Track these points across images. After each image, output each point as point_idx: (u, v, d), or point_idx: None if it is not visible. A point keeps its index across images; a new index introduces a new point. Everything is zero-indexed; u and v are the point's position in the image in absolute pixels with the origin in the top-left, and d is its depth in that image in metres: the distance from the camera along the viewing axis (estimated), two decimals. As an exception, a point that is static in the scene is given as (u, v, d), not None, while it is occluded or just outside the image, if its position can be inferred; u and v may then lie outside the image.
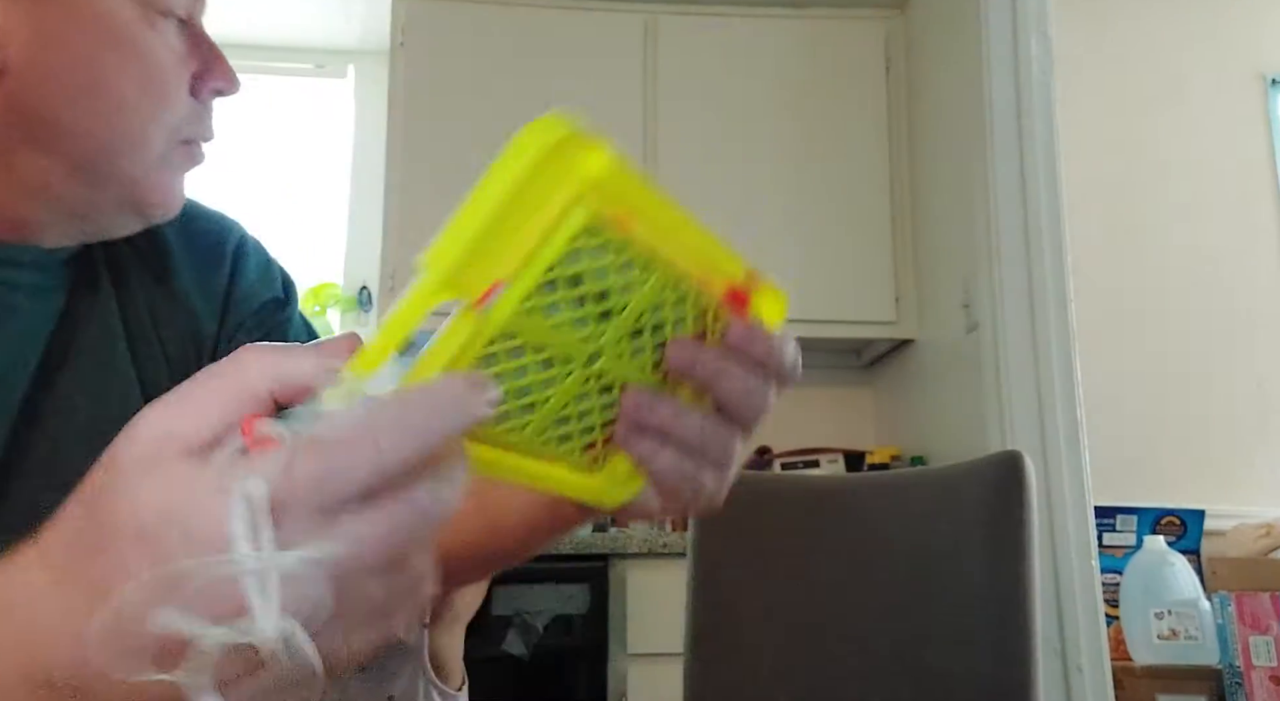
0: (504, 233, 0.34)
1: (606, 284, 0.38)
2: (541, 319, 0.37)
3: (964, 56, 2.27)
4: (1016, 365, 2.03)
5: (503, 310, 0.35)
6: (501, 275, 0.35)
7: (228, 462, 0.31)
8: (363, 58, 3.03)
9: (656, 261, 0.39)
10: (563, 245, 0.35)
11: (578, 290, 0.37)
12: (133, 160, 0.60)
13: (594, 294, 0.38)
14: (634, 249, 0.38)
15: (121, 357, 0.66)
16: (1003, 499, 1.08)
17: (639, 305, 0.39)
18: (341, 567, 0.31)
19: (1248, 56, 2.94)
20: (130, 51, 0.59)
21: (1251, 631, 1.90)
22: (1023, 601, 1.04)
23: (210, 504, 0.30)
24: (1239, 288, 2.81)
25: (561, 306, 0.37)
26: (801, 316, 2.59)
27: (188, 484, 0.31)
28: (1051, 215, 2.08)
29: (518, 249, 0.35)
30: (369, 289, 2.89)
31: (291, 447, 0.31)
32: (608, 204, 0.36)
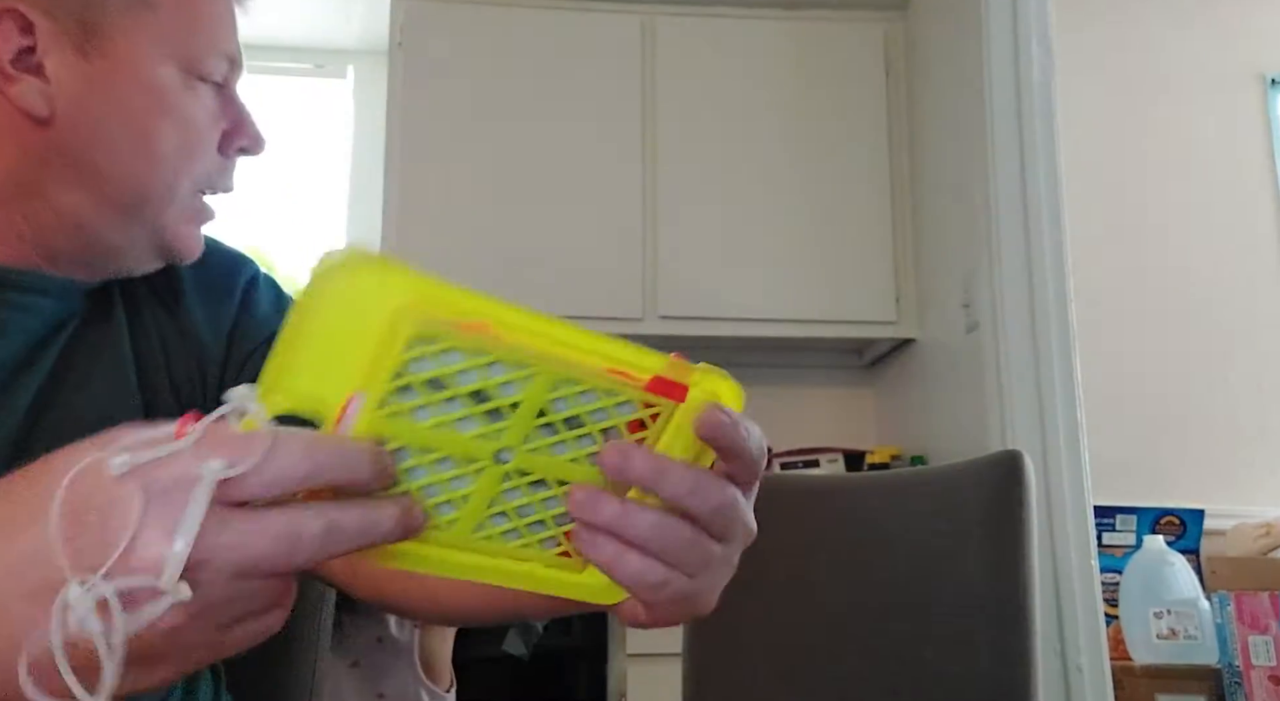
0: (336, 353, 0.38)
1: (478, 385, 0.39)
2: (411, 422, 0.39)
3: (964, 58, 2.27)
4: (1016, 365, 2.03)
5: (363, 418, 0.38)
6: (352, 389, 0.38)
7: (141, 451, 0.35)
8: (362, 58, 3.03)
9: (527, 359, 0.39)
10: (399, 352, 0.37)
11: (443, 393, 0.39)
12: (160, 207, 0.67)
13: (465, 395, 0.39)
14: (495, 350, 0.39)
15: (130, 385, 0.70)
16: (1003, 498, 1.08)
17: (532, 401, 0.40)
18: (216, 565, 0.35)
19: (1248, 56, 2.94)
20: (172, 114, 0.66)
21: (1251, 631, 1.90)
22: (1022, 601, 1.04)
23: (117, 490, 0.35)
24: (1239, 287, 2.81)
25: (432, 409, 0.39)
26: (802, 316, 2.59)
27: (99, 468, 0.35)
28: (1051, 215, 2.08)
29: (356, 365, 0.38)
30: (369, 289, 2.88)
31: (209, 440, 0.35)
32: (436, 310, 0.38)
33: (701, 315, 2.56)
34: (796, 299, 2.58)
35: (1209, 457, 2.70)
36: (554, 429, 0.41)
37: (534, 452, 0.42)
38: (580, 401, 0.41)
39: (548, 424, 0.41)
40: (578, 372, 0.41)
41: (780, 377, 2.88)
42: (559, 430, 0.42)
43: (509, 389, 0.40)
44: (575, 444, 0.42)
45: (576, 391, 0.41)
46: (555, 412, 0.41)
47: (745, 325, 2.57)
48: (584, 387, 0.41)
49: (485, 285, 1.67)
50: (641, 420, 0.43)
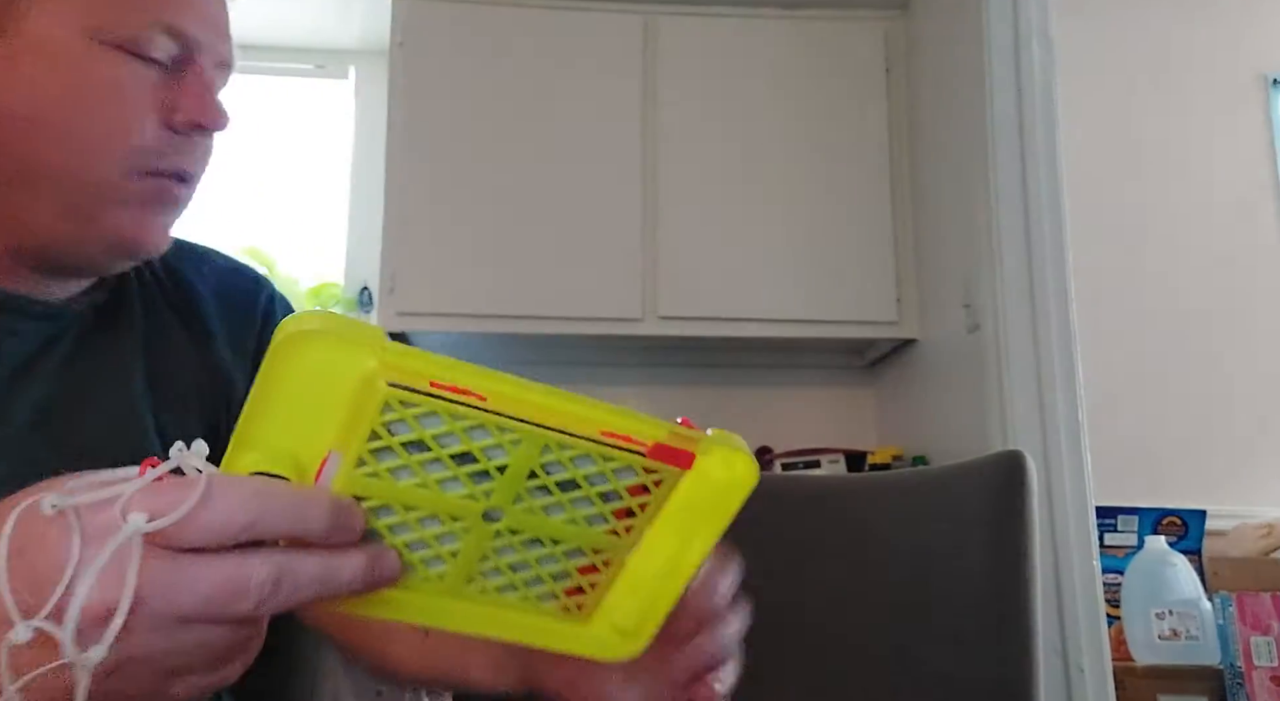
0: (308, 413, 0.38)
1: (461, 448, 0.39)
2: (392, 482, 0.39)
3: (965, 58, 2.27)
4: (1018, 365, 2.03)
5: (340, 476, 0.39)
6: (327, 447, 0.38)
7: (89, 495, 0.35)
8: (363, 58, 3.03)
9: (512, 424, 0.39)
10: (375, 414, 0.37)
11: (424, 455, 0.39)
12: (96, 194, 0.63)
13: (450, 457, 0.39)
14: (475, 415, 0.38)
15: (139, 406, 0.69)
16: (1004, 499, 1.08)
17: (521, 465, 0.40)
18: (152, 610, 0.34)
19: (1248, 56, 2.94)
20: (92, 92, 0.61)
21: (1253, 631, 1.90)
22: (1024, 601, 1.04)
23: (47, 531, 0.34)
24: (1239, 287, 2.81)
25: (413, 470, 0.39)
26: (802, 316, 2.59)
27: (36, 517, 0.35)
28: (1052, 215, 2.08)
29: (330, 425, 0.38)
30: (369, 289, 2.89)
31: (151, 487, 0.35)
32: (410, 375, 0.38)
33: (701, 315, 2.55)
34: (797, 299, 2.58)
35: (1210, 458, 2.69)
36: (547, 491, 0.41)
37: (527, 513, 0.41)
38: (576, 466, 0.41)
39: (541, 486, 0.41)
40: (568, 438, 0.40)
41: (781, 378, 2.88)
42: (553, 492, 0.41)
43: (496, 452, 0.40)
44: (572, 506, 0.42)
45: (570, 456, 0.40)
46: (548, 476, 0.41)
47: (745, 325, 2.57)
48: (577, 452, 0.40)
49: (486, 285, 1.68)
50: (644, 484, 0.42)
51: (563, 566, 0.44)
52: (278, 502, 0.36)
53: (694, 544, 0.45)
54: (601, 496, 0.42)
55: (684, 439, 0.42)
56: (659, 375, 2.88)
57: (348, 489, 0.39)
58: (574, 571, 0.44)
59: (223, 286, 0.77)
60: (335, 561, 0.38)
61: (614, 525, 0.43)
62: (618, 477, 0.42)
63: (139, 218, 0.65)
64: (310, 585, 0.37)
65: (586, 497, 0.42)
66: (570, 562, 0.44)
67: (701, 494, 0.43)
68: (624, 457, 0.41)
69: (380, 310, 2.51)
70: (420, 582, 0.42)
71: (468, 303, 2.51)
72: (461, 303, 2.51)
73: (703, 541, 0.45)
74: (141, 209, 0.65)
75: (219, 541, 0.35)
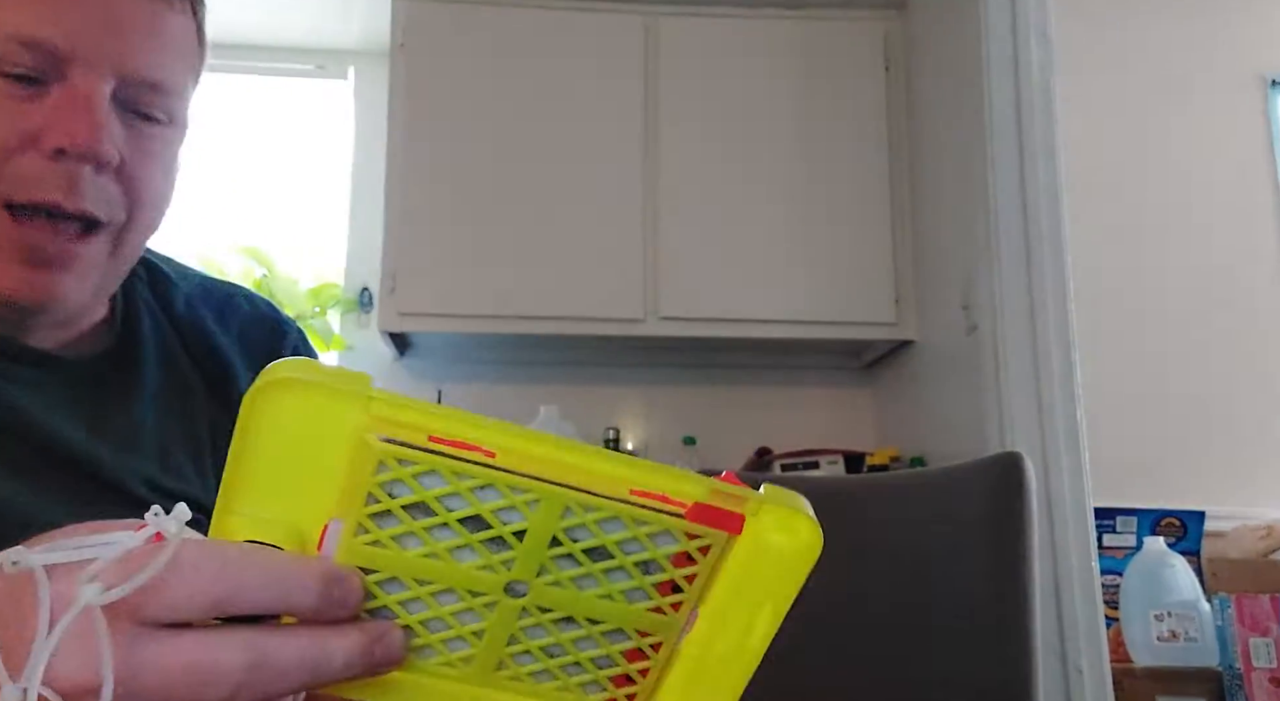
0: (300, 473, 0.34)
1: (469, 511, 0.34)
2: (398, 551, 0.35)
3: (964, 57, 2.27)
4: (1016, 366, 2.03)
5: (341, 547, 0.34)
6: (327, 515, 0.34)
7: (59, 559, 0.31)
8: (363, 58, 3.03)
9: (524, 483, 0.34)
10: (370, 475, 0.33)
11: (430, 520, 0.34)
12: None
13: (459, 520, 0.35)
14: (479, 473, 0.34)
15: (148, 460, 0.66)
16: (1002, 500, 1.08)
17: (540, 529, 0.35)
18: (114, 693, 0.30)
19: (1248, 56, 2.94)
20: None
21: (1251, 633, 1.90)
22: (1022, 603, 1.04)
23: (11, 590, 0.31)
24: (1239, 287, 2.81)
25: (420, 537, 0.35)
26: (801, 317, 2.59)
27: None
28: (1051, 216, 2.08)
29: (327, 487, 0.34)
30: (369, 290, 2.89)
31: (124, 555, 0.31)
32: (406, 429, 0.33)
33: (702, 316, 2.56)
34: (796, 300, 2.58)
35: (1210, 459, 2.69)
36: (575, 561, 0.36)
37: (554, 587, 0.36)
38: (605, 531, 0.35)
39: (567, 555, 0.36)
40: (591, 498, 0.35)
41: (780, 379, 2.88)
42: (582, 562, 0.36)
43: (510, 515, 0.35)
44: (606, 578, 0.36)
45: (596, 519, 0.35)
46: (573, 543, 0.35)
47: (745, 326, 2.57)
48: (604, 515, 0.35)
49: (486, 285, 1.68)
50: (687, 552, 0.36)
51: (604, 651, 0.38)
52: (257, 572, 0.32)
53: (757, 623, 0.38)
54: (640, 567, 0.36)
55: (730, 499, 0.36)
56: (659, 375, 2.88)
57: (350, 560, 0.34)
58: (618, 656, 0.38)
59: (246, 334, 0.74)
60: (326, 642, 0.33)
61: (657, 601, 0.37)
62: (655, 544, 0.36)
63: (12, 268, 0.57)
64: (297, 671, 0.32)
65: (621, 568, 0.36)
66: (613, 646, 0.38)
67: (760, 563, 0.37)
68: (660, 520, 0.35)
69: (380, 310, 2.52)
70: (443, 667, 0.37)
71: (468, 303, 2.51)
72: (462, 303, 2.51)
73: (767, 619, 0.38)
74: (10, 257, 0.57)
75: (187, 616, 0.31)
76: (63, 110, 0.57)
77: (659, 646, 0.38)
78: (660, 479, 0.35)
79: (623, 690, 0.38)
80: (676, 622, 0.37)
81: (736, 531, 0.36)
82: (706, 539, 0.36)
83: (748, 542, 0.37)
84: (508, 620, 0.36)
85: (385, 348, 2.75)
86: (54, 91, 0.57)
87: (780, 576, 0.38)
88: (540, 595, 0.36)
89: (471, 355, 2.82)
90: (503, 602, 0.36)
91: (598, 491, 0.35)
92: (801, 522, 0.37)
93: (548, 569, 0.36)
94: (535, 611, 0.36)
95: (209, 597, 0.31)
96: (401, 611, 0.36)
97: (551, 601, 0.36)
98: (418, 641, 0.36)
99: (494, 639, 0.37)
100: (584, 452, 0.35)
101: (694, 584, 0.37)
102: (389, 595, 0.35)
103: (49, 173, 0.57)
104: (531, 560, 0.35)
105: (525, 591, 0.36)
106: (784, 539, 0.37)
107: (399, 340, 2.70)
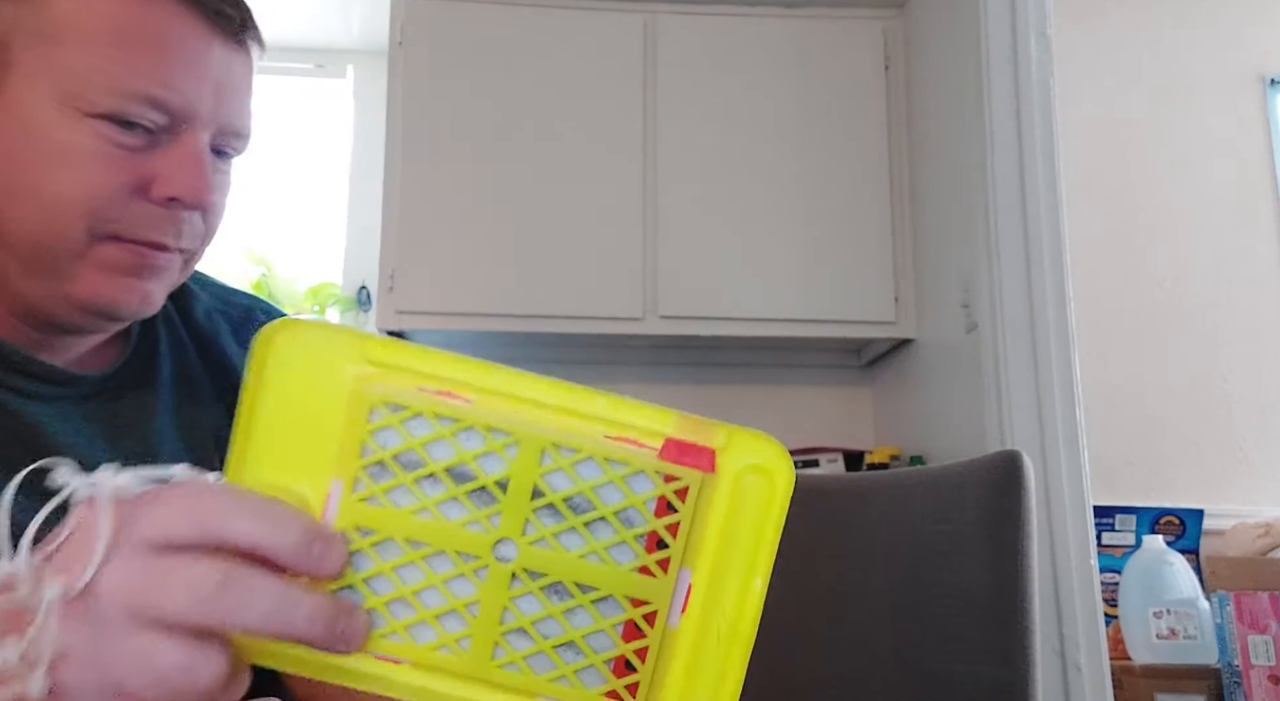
0: (300, 436, 0.35)
1: (454, 459, 0.35)
2: (393, 508, 0.35)
3: (963, 56, 2.27)
4: (1016, 365, 2.03)
5: (342, 507, 0.35)
6: (328, 476, 0.35)
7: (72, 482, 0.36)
8: (362, 57, 3.03)
9: (503, 424, 0.35)
10: (363, 424, 0.34)
11: (418, 471, 0.35)
12: (62, 257, 0.63)
13: (445, 471, 0.35)
14: (464, 415, 0.35)
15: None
16: (1002, 498, 1.08)
17: (522, 478, 0.35)
18: (103, 597, 0.34)
19: (1248, 56, 2.94)
20: (63, 159, 0.62)
21: (1250, 631, 1.90)
22: (1022, 601, 1.04)
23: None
24: (1239, 287, 2.81)
25: (410, 491, 0.35)
26: (801, 316, 2.59)
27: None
28: (1051, 215, 2.08)
29: (326, 448, 0.35)
30: (368, 288, 2.89)
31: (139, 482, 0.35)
32: (400, 375, 0.35)
33: (701, 315, 2.56)
34: (796, 299, 2.58)
35: (1208, 457, 2.70)
36: (558, 514, 0.36)
37: (539, 545, 0.36)
38: (581, 475, 0.35)
39: (549, 506, 0.36)
40: (568, 437, 0.35)
41: (779, 377, 2.88)
42: (564, 515, 0.36)
43: (491, 462, 0.35)
44: (589, 533, 0.36)
45: (573, 461, 0.35)
46: (553, 491, 0.35)
47: (745, 325, 2.57)
48: (579, 457, 0.35)
49: (485, 284, 1.69)
50: (665, 497, 0.36)
51: (598, 625, 0.37)
52: (245, 510, 0.35)
53: (750, 583, 0.37)
54: (621, 519, 0.36)
55: (699, 429, 0.36)
56: (659, 374, 2.88)
57: (351, 521, 0.35)
58: (613, 633, 0.37)
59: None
60: (296, 592, 0.35)
61: (644, 559, 0.36)
62: (631, 489, 0.36)
63: (109, 280, 0.64)
64: (261, 604, 0.34)
65: (603, 519, 0.36)
66: (606, 620, 0.37)
67: (739, 509, 0.37)
68: (636, 462, 0.35)
69: (379, 309, 2.52)
70: (440, 653, 0.36)
71: (467, 302, 2.51)
72: (460, 302, 2.51)
73: (760, 570, 0.37)
74: (109, 273, 0.64)
75: (175, 537, 0.34)
76: (175, 163, 0.64)
77: (653, 621, 0.37)
78: (635, 414, 0.36)
79: (623, 680, 0.37)
80: (666, 586, 0.37)
81: (709, 469, 0.36)
82: (683, 480, 0.36)
83: (724, 487, 0.36)
84: (499, 589, 0.36)
85: (384, 346, 2.75)
86: (166, 144, 0.64)
87: (760, 521, 0.37)
88: (528, 558, 0.36)
89: (470, 353, 2.80)
90: (493, 567, 0.36)
91: (574, 431, 0.35)
92: (771, 448, 0.37)
93: (533, 524, 0.36)
94: (525, 577, 0.36)
95: (195, 519, 0.34)
96: (396, 579, 0.36)
97: (539, 564, 0.36)
98: (413, 618, 0.36)
99: (487, 614, 0.36)
100: (562, 390, 0.35)
101: (678, 537, 0.36)
102: (385, 561, 0.35)
103: (159, 217, 0.65)
104: (516, 514, 0.35)
105: (513, 555, 0.36)
106: (758, 479, 0.37)
107: (397, 339, 2.69)
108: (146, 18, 0.63)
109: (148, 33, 0.62)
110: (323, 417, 0.35)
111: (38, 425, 0.65)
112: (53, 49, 0.61)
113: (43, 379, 0.67)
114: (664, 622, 0.37)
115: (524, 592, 0.36)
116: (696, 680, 0.37)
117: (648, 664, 0.37)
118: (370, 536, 0.35)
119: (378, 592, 0.36)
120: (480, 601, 0.36)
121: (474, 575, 0.36)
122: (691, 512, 0.36)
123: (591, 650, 0.37)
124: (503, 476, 0.35)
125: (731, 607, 0.37)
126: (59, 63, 0.61)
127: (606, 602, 0.37)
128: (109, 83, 0.61)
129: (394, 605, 0.36)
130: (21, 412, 0.64)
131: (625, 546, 0.36)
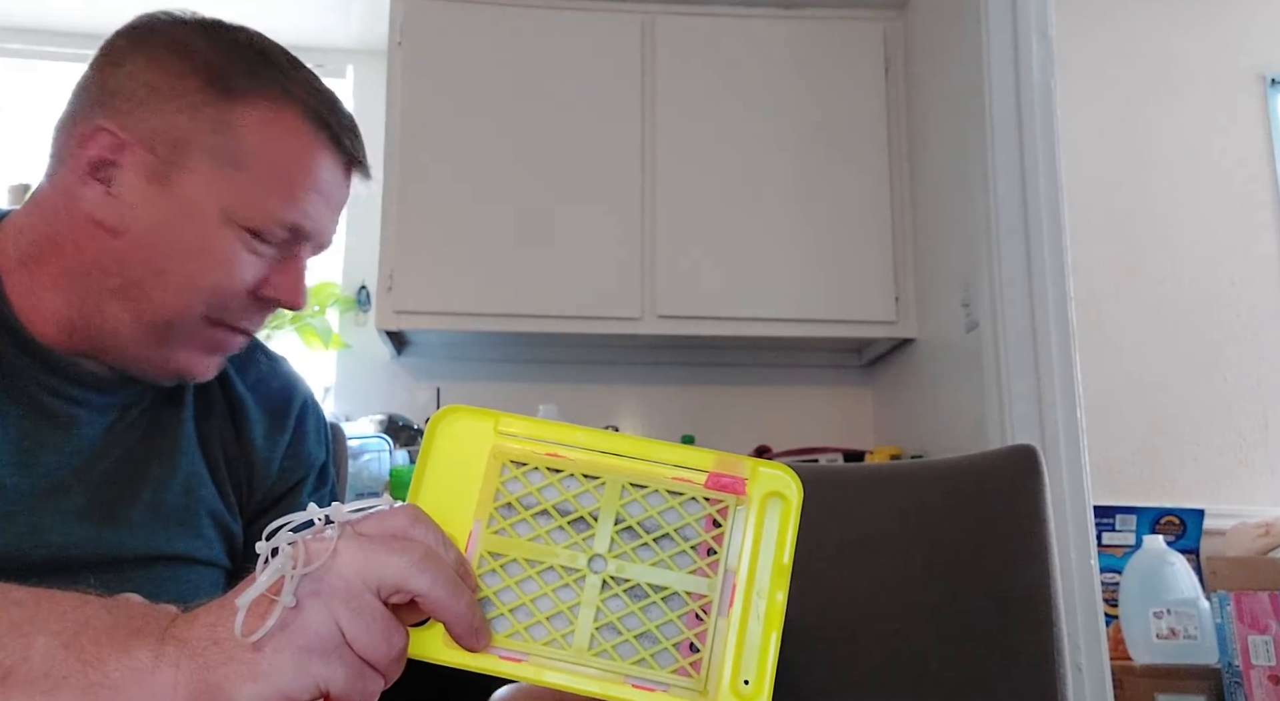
0: (453, 490, 0.49)
1: (560, 498, 0.49)
2: (516, 537, 0.49)
3: (964, 57, 2.27)
4: (1016, 364, 2.03)
5: (481, 539, 0.49)
6: (471, 519, 0.49)
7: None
8: (361, 57, 3.03)
9: (594, 470, 0.49)
10: (497, 477, 0.49)
11: (534, 509, 0.49)
12: (178, 329, 0.75)
13: (553, 507, 0.49)
14: (566, 466, 0.49)
15: (190, 478, 0.80)
16: (1019, 492, 1.07)
17: (608, 508, 0.49)
18: (336, 572, 0.44)
19: (1248, 56, 2.94)
20: (222, 262, 0.74)
21: (1250, 631, 1.90)
22: (1045, 595, 1.04)
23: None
24: (1239, 287, 2.81)
25: (529, 524, 0.49)
26: (801, 316, 2.59)
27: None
28: (1051, 214, 2.08)
29: (470, 498, 0.49)
30: (367, 288, 2.89)
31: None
32: (523, 443, 0.50)
33: (700, 315, 2.55)
34: (796, 298, 2.58)
35: (1209, 457, 2.70)
36: (635, 534, 0.49)
37: (621, 559, 0.48)
38: (650, 504, 0.49)
39: (628, 528, 0.49)
40: (640, 477, 0.49)
41: (780, 377, 2.88)
42: (639, 534, 0.49)
43: (585, 499, 0.49)
44: (658, 546, 0.49)
45: (644, 495, 0.49)
46: (631, 517, 0.49)
47: (744, 325, 2.57)
48: (649, 491, 0.49)
49: (484, 284, 1.69)
50: (713, 517, 0.49)
51: (668, 617, 0.48)
52: (428, 525, 0.47)
53: (778, 580, 0.49)
54: (680, 534, 0.49)
55: (731, 464, 0.50)
56: (657, 374, 2.88)
57: (487, 548, 0.49)
58: (679, 622, 0.48)
59: (261, 392, 0.88)
60: (463, 584, 0.46)
61: (698, 563, 0.49)
62: (687, 511, 0.49)
63: (199, 356, 0.77)
64: (444, 582, 0.45)
65: (668, 535, 0.49)
66: (673, 612, 0.48)
67: (765, 519, 0.49)
68: (689, 491, 0.49)
69: (378, 309, 2.51)
70: (548, 648, 0.48)
71: (466, 302, 2.51)
72: (459, 302, 2.51)
73: (781, 571, 0.50)
74: (203, 349, 0.77)
75: (387, 530, 0.46)
76: (285, 273, 0.78)
77: (708, 610, 0.49)
78: (684, 456, 0.50)
79: (688, 658, 0.48)
80: (716, 584, 0.49)
81: (742, 493, 0.49)
82: (724, 502, 0.49)
83: (753, 506, 0.49)
84: (593, 594, 0.48)
85: (383, 346, 2.75)
86: (287, 260, 0.78)
87: (782, 529, 0.50)
88: (614, 568, 0.48)
89: (469, 353, 2.82)
90: (589, 577, 0.48)
91: (645, 473, 0.49)
92: (785, 474, 0.50)
93: (616, 543, 0.49)
94: (612, 583, 0.48)
95: (399, 521, 0.47)
96: (519, 590, 0.48)
97: (622, 571, 0.48)
98: (531, 620, 0.48)
99: (586, 614, 0.48)
100: (632, 443, 0.50)
101: (723, 545, 0.49)
102: (510, 577, 0.48)
103: (254, 310, 0.78)
104: (603, 535, 0.49)
105: (603, 567, 0.48)
106: (778, 498, 0.50)
107: (396, 338, 2.70)
108: (310, 161, 0.77)
109: (309, 175, 0.77)
110: (469, 474, 0.50)
111: (77, 425, 0.75)
112: (233, 172, 0.73)
113: (88, 385, 0.76)
114: (716, 612, 0.49)
115: (611, 595, 0.49)
116: (743, 654, 0.49)
117: (707, 645, 0.48)
118: (500, 559, 0.49)
119: (504, 602, 0.48)
120: (581, 604, 0.48)
121: (575, 584, 0.48)
122: (729, 526, 0.49)
123: (664, 637, 0.48)
124: (594, 508, 0.49)
125: (766, 596, 0.49)
126: (235, 184, 0.73)
127: (673, 599, 0.49)
128: (269, 211, 0.74)
129: (517, 612, 0.48)
130: (76, 419, 0.75)
131: (685, 555, 0.49)
